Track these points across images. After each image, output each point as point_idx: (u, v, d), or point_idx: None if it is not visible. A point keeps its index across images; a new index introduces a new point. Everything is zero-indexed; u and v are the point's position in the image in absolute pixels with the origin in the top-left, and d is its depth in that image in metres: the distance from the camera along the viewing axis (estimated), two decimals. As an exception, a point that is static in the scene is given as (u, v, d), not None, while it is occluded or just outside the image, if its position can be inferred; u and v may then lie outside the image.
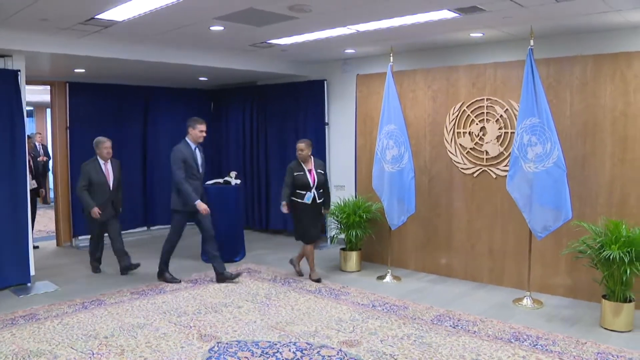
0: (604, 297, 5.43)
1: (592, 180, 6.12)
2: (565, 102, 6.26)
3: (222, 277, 7.01)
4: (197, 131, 6.90)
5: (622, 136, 5.92)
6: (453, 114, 7.11)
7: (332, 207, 7.96)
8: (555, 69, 6.32)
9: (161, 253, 7.16)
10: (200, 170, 6.98)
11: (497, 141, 6.73)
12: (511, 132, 6.56)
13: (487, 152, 6.84)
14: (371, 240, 7.67)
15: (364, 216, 7.47)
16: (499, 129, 6.72)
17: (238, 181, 8.32)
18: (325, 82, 9.42)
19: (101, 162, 7.28)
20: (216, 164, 11.20)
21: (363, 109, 8.04)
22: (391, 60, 7.16)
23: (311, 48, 7.88)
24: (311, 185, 6.91)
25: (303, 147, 6.96)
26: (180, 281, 7.04)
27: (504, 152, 6.67)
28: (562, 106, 6.27)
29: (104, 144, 7.30)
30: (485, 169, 6.86)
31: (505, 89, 6.69)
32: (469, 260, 7.10)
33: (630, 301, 5.31)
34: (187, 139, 6.95)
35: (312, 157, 7.07)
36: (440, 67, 7.38)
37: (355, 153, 8.30)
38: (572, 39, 6.66)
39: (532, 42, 5.91)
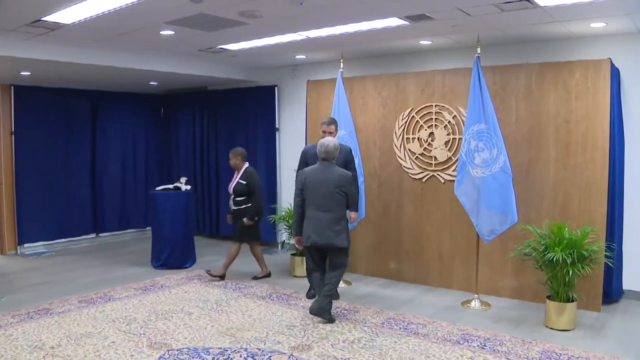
0: (548, 297, 5.55)
1: (536, 184, 6.26)
2: (511, 108, 6.39)
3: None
4: (321, 132, 6.46)
5: (565, 142, 6.08)
6: (402, 120, 7.14)
7: (281, 212, 8.04)
8: (502, 76, 6.44)
9: None
10: None
11: (446, 147, 6.81)
12: (459, 138, 6.63)
13: (435, 158, 6.90)
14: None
15: None
16: (447, 134, 6.79)
17: (188, 187, 8.19)
18: (276, 87, 9.39)
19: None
20: (166, 170, 11.07)
21: (313, 115, 8.01)
22: (341, 66, 7.18)
23: (262, 53, 7.84)
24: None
25: None
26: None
27: (452, 158, 6.75)
28: (508, 113, 6.39)
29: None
30: (434, 174, 6.92)
31: (453, 95, 6.77)
32: (419, 264, 7.14)
33: (572, 301, 5.44)
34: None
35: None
36: (390, 74, 7.42)
37: None
38: (518, 48, 6.80)
39: (479, 50, 6.02)
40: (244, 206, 7.15)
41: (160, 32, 6.29)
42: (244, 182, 7.14)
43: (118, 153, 10.45)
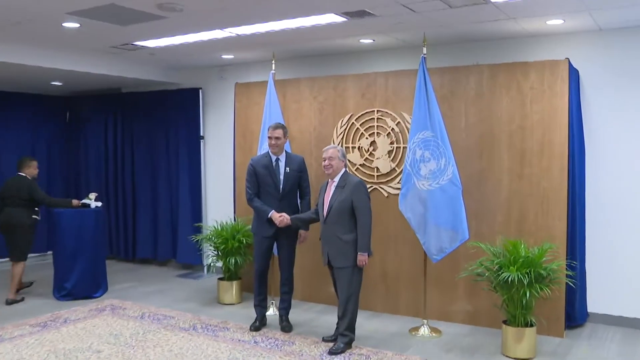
0: (504, 322, 5.54)
1: (489, 197, 6.28)
2: (460, 114, 6.41)
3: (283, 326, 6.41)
4: (267, 138, 6.30)
5: (519, 150, 6.13)
6: (341, 128, 7.10)
7: (208, 231, 7.81)
8: (450, 78, 6.46)
9: None
10: (281, 185, 6.24)
11: (389, 157, 6.79)
12: (403, 147, 6.62)
13: (377, 169, 6.87)
14: (252, 268, 7.40)
15: (244, 241, 7.30)
16: (391, 143, 6.77)
17: (99, 204, 7.90)
18: (200, 90, 9.24)
19: None
20: (73, 184, 10.68)
21: (242, 121, 7.90)
22: (273, 67, 7.14)
23: (184, 52, 7.72)
24: None
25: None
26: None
27: (396, 169, 6.72)
28: (456, 119, 6.41)
29: None
30: (377, 186, 6.88)
31: (396, 100, 6.76)
32: (362, 288, 6.98)
33: (531, 325, 5.43)
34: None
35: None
36: (327, 76, 7.38)
37: (233, 170, 8.12)
38: (468, 48, 6.88)
39: (425, 50, 6.02)
40: None
41: (63, 24, 6.02)
42: None
43: (13, 164, 9.93)
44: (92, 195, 7.94)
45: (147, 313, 6.95)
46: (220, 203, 8.98)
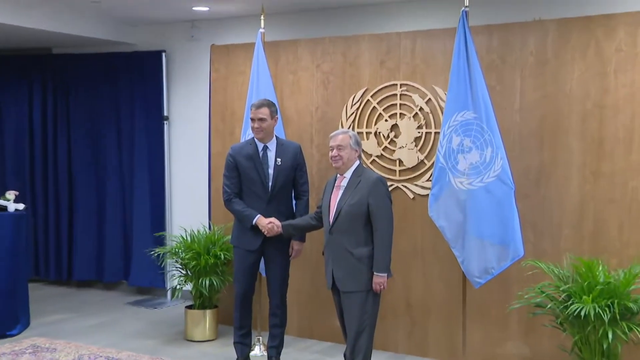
0: None
1: (553, 201, 6.22)
2: (514, 89, 6.36)
3: None
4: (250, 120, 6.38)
5: (596, 138, 6.04)
6: (352, 107, 7.12)
7: (173, 243, 7.86)
8: (500, 40, 6.43)
9: None
10: (270, 181, 6.24)
11: (416, 145, 6.79)
12: (435, 133, 6.62)
13: (400, 162, 6.88)
14: (232, 293, 7.30)
15: (222, 256, 7.25)
16: (418, 128, 6.78)
17: (20, 206, 7.85)
18: (163, 54, 9.21)
19: None
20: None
21: (221, 97, 7.93)
22: (262, 24, 7.14)
23: (141, 1, 7.71)
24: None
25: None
26: None
27: (425, 162, 6.74)
28: (508, 95, 6.37)
29: None
30: (399, 185, 6.88)
31: (427, 69, 6.76)
32: (378, 320, 6.83)
33: (617, 380, 5.37)
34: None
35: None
36: (334, 37, 7.38)
37: (209, 162, 8.19)
38: None
39: (467, 2, 5.95)
40: None
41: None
42: None
43: None
44: (10, 195, 7.89)
45: (87, 355, 6.85)
46: (190, 206, 9.04)
